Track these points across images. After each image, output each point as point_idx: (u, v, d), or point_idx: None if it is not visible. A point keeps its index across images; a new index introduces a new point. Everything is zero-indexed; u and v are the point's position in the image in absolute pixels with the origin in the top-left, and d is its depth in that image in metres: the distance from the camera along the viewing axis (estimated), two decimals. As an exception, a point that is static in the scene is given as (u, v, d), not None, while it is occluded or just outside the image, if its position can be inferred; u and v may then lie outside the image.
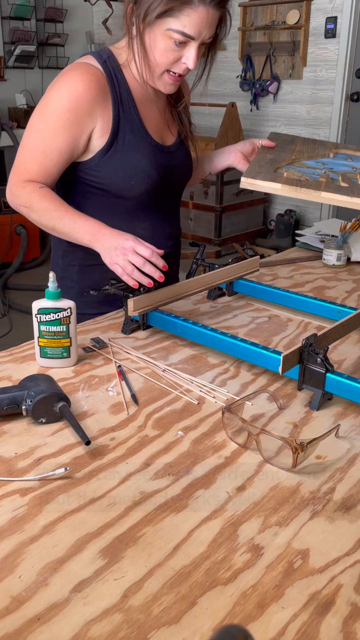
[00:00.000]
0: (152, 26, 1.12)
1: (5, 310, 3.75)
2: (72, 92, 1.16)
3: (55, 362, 1.02)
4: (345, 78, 4.33)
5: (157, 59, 1.16)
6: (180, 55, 1.15)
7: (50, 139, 1.18)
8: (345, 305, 1.22)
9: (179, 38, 1.11)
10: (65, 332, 1.00)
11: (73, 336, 1.01)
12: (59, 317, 0.99)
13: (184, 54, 1.14)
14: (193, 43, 1.13)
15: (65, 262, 1.37)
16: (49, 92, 1.18)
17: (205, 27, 1.11)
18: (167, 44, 1.13)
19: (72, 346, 1.01)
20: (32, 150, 1.19)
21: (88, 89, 1.16)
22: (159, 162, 1.28)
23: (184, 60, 1.15)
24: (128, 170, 1.24)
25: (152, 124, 1.29)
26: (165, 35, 1.12)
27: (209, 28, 1.12)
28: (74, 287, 1.35)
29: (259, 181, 1.18)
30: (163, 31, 1.11)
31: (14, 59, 5.09)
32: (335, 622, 0.56)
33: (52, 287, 0.98)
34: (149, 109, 1.28)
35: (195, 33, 1.11)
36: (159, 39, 1.13)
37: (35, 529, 0.66)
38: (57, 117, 1.17)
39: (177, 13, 1.08)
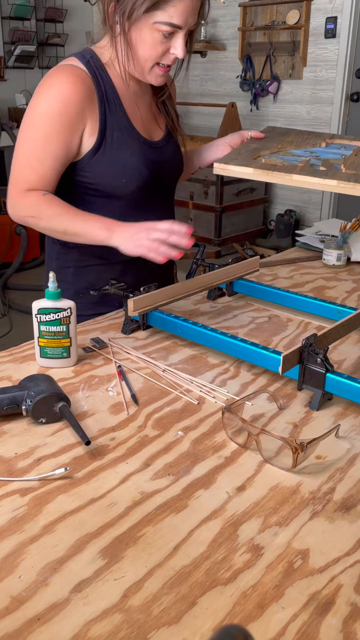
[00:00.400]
0: (138, 22, 1.13)
1: (5, 310, 3.75)
2: (60, 95, 1.16)
3: (55, 362, 1.02)
4: (345, 78, 4.33)
5: (147, 53, 1.17)
6: (168, 47, 1.16)
7: (43, 146, 1.17)
8: (345, 305, 1.22)
9: (167, 29, 1.12)
10: (65, 332, 1.00)
11: (73, 336, 1.01)
12: (59, 317, 0.99)
13: (171, 45, 1.16)
14: (180, 33, 1.14)
15: (59, 264, 1.37)
16: (36, 98, 1.18)
17: (191, 15, 1.13)
18: (155, 37, 1.14)
19: (72, 346, 1.01)
20: (27, 159, 1.19)
21: (75, 90, 1.16)
22: (149, 158, 1.29)
23: (172, 50, 1.17)
24: (118, 168, 1.24)
25: (139, 120, 1.29)
26: (153, 29, 1.13)
27: (194, 15, 1.14)
28: (70, 289, 1.35)
29: (232, 166, 1.18)
30: (150, 25, 1.12)
31: (14, 59, 5.09)
32: (335, 622, 0.56)
33: (52, 287, 0.98)
34: (134, 105, 1.28)
35: (182, 22, 1.12)
36: (147, 34, 1.14)
37: (35, 529, 0.66)
38: (48, 123, 1.16)
39: (163, 5, 1.10)
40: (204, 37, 4.89)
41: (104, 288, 1.18)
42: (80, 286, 1.35)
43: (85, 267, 1.34)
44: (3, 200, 4.47)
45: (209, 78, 5.15)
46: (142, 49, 1.16)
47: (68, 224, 1.16)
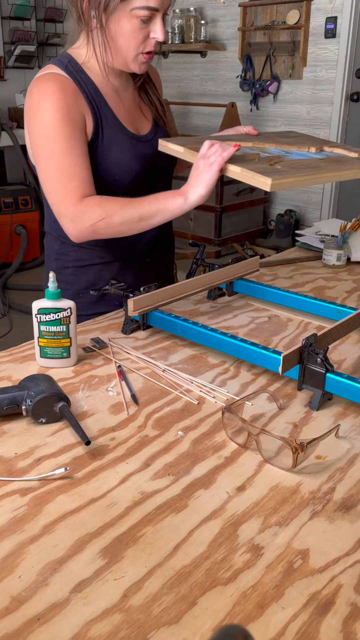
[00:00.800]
0: (115, 13, 1.13)
1: (5, 310, 3.75)
2: (56, 102, 1.16)
3: (55, 362, 1.02)
4: (345, 78, 4.32)
5: (128, 42, 1.17)
6: (147, 32, 1.17)
7: (69, 152, 1.16)
8: (345, 305, 1.22)
9: (144, 14, 1.13)
10: (65, 332, 1.00)
11: (73, 336, 1.01)
12: (59, 317, 0.99)
13: (150, 29, 1.16)
14: (157, 15, 1.15)
15: (58, 264, 1.37)
16: (35, 115, 1.17)
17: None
18: (133, 24, 1.14)
19: (72, 346, 1.01)
20: (60, 171, 1.16)
21: (65, 94, 1.17)
22: (139, 153, 1.29)
23: (152, 35, 1.17)
24: (111, 166, 1.25)
25: (125, 115, 1.30)
26: (131, 16, 1.13)
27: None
28: (69, 289, 1.36)
29: (170, 144, 1.21)
30: (128, 13, 1.13)
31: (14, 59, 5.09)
32: (335, 622, 0.56)
33: (52, 287, 0.98)
34: (118, 101, 1.29)
35: (159, 4, 1.13)
36: (125, 23, 1.14)
37: (35, 529, 0.66)
38: (61, 130, 1.16)
39: None
40: (204, 37, 4.89)
41: (104, 288, 1.18)
42: (80, 286, 1.36)
43: (83, 267, 1.35)
44: (3, 200, 4.47)
45: (209, 78, 5.15)
46: (122, 39, 1.17)
47: (140, 209, 1.14)
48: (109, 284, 1.18)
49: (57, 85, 1.17)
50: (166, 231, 1.44)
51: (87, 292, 1.36)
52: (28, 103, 1.20)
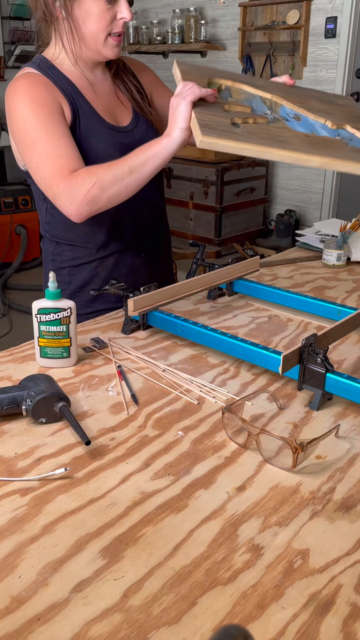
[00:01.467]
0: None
1: (5, 310, 3.75)
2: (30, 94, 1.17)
3: (55, 362, 1.02)
4: (345, 78, 4.32)
5: (95, 26, 1.17)
6: (114, 13, 1.17)
7: (50, 135, 1.16)
8: (345, 305, 1.22)
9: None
10: (65, 332, 1.00)
11: (73, 336, 1.01)
12: (59, 317, 0.99)
13: (117, 10, 1.17)
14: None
15: (55, 265, 1.37)
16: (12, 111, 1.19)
17: None
18: (100, 6, 1.15)
19: (72, 346, 1.01)
20: (46, 155, 1.16)
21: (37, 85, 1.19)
22: (118, 142, 1.28)
23: (119, 15, 1.18)
24: (90, 154, 1.24)
25: (102, 107, 1.29)
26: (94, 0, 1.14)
27: None
28: (66, 289, 1.36)
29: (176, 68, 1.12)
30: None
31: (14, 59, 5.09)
32: (335, 622, 0.56)
33: (52, 287, 0.98)
34: (94, 94, 1.29)
35: None
36: (91, 5, 1.15)
37: (35, 529, 0.66)
38: (38, 117, 1.16)
39: None
40: (204, 37, 4.89)
41: (104, 288, 1.18)
42: (76, 285, 1.36)
43: (79, 265, 1.35)
44: (3, 200, 4.47)
45: None
46: (89, 24, 1.17)
47: (129, 162, 1.10)
48: (109, 284, 1.17)
49: (28, 80, 1.19)
50: (160, 220, 1.43)
51: (84, 290, 1.36)
52: (5, 105, 1.21)
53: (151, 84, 1.43)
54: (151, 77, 1.44)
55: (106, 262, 1.36)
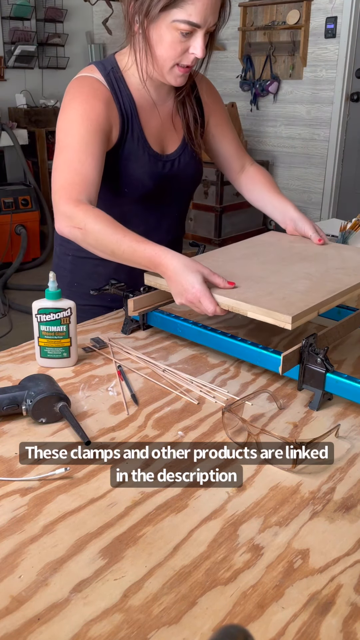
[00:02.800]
0: (156, 21, 1.12)
1: (5, 310, 3.75)
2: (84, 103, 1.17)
3: (55, 362, 1.02)
4: (345, 78, 4.33)
5: (165, 53, 1.15)
6: (187, 46, 1.14)
7: (82, 148, 1.15)
8: (345, 305, 1.22)
9: (185, 28, 1.10)
10: (65, 332, 1.00)
11: (73, 336, 1.01)
12: (59, 317, 0.99)
13: (190, 44, 1.13)
14: (199, 32, 1.12)
15: (61, 250, 1.39)
16: (64, 110, 1.19)
17: (210, 14, 1.10)
18: (173, 36, 1.12)
19: (72, 346, 1.01)
20: (68, 164, 1.15)
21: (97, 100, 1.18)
22: (155, 172, 1.28)
23: (192, 50, 1.14)
24: (124, 179, 1.25)
25: (153, 131, 1.29)
26: (171, 27, 1.11)
27: (213, 14, 1.11)
28: (66, 277, 1.37)
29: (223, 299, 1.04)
30: (168, 24, 1.11)
31: (14, 59, 5.09)
32: (335, 622, 0.56)
33: (52, 287, 0.98)
34: (150, 115, 1.28)
35: (201, 21, 1.10)
36: (165, 33, 1.12)
37: (35, 529, 0.66)
38: (81, 127, 1.15)
39: (181, 3, 1.08)
40: (204, 37, 4.88)
41: (104, 288, 1.18)
42: (77, 275, 1.37)
43: (83, 258, 1.35)
44: (3, 200, 4.47)
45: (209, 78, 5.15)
46: (160, 48, 1.15)
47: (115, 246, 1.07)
48: (109, 284, 1.18)
49: (90, 91, 1.18)
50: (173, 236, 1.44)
51: (83, 282, 1.36)
52: (62, 104, 1.21)
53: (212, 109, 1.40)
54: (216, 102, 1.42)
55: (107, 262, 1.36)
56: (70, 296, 1.06)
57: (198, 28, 1.11)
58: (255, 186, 1.44)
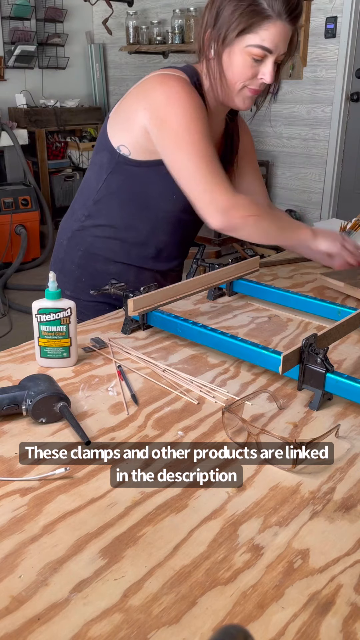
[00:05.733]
0: (231, 45, 1.16)
1: (5, 310, 3.75)
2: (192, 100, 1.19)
3: (55, 362, 1.02)
4: (345, 78, 4.33)
5: (235, 76, 1.19)
6: (256, 72, 1.19)
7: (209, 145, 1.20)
8: (345, 305, 1.22)
9: (258, 53, 1.15)
10: (65, 332, 1.00)
11: (73, 336, 1.01)
12: (59, 317, 0.99)
13: (260, 70, 1.18)
14: (270, 58, 1.17)
15: (71, 244, 1.39)
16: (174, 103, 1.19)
17: (281, 42, 1.15)
18: (245, 60, 1.17)
19: (72, 346, 1.01)
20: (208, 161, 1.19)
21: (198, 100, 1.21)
22: None
23: (261, 75, 1.19)
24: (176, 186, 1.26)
25: None
26: (244, 52, 1.16)
27: (284, 43, 1.16)
28: (74, 271, 1.37)
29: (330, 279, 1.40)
30: (242, 48, 1.15)
31: (14, 59, 5.09)
32: (335, 622, 0.56)
33: (52, 287, 0.98)
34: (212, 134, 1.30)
35: (273, 47, 1.15)
36: (237, 57, 1.17)
37: (35, 529, 0.66)
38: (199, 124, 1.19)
39: (256, 28, 1.13)
40: (204, 37, 4.88)
41: (104, 288, 1.18)
42: (85, 271, 1.38)
43: (95, 254, 1.36)
44: (3, 201, 4.47)
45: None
46: (231, 72, 1.19)
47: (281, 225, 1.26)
48: (109, 284, 1.18)
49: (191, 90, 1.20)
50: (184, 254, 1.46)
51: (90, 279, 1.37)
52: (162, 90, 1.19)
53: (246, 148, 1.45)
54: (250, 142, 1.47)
55: (119, 262, 1.37)
56: (76, 291, 1.07)
57: (269, 54, 1.16)
58: None
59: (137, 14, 5.31)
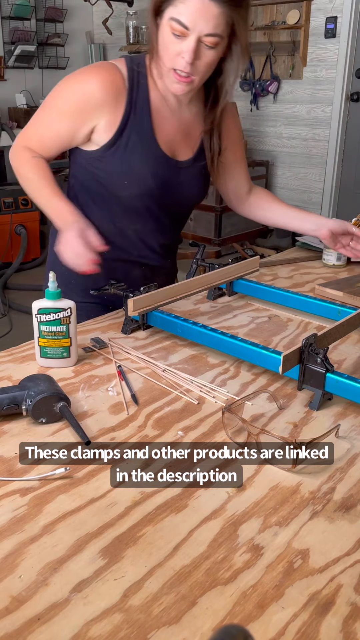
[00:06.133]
0: (161, 17, 1.13)
1: (5, 310, 3.75)
2: (87, 86, 1.20)
3: (55, 362, 1.02)
4: (345, 78, 4.32)
5: (162, 52, 1.16)
6: (180, 49, 1.13)
7: (54, 120, 1.25)
8: (345, 305, 1.22)
9: (176, 28, 1.10)
10: (65, 332, 1.00)
11: (73, 336, 1.01)
12: (59, 317, 0.99)
13: (182, 48, 1.12)
14: (190, 36, 1.10)
15: None
16: (72, 77, 1.23)
17: (202, 19, 1.09)
18: (168, 34, 1.13)
19: (72, 346, 1.01)
20: (39, 123, 1.27)
21: (101, 88, 1.19)
22: (160, 174, 1.27)
23: (182, 54, 1.13)
24: (124, 169, 1.25)
25: (166, 135, 1.28)
26: (168, 26, 1.12)
27: (206, 22, 1.09)
28: (64, 273, 1.36)
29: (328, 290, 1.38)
30: (167, 21, 1.12)
31: (14, 59, 5.09)
32: (335, 622, 0.56)
33: (52, 287, 0.98)
34: (166, 120, 1.27)
35: (190, 23, 1.09)
36: (164, 30, 1.14)
37: (35, 529, 0.66)
38: (68, 103, 1.22)
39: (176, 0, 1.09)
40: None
41: (104, 288, 1.18)
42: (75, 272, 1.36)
43: None
44: (3, 201, 4.47)
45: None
46: (160, 48, 1.16)
47: (35, 193, 1.25)
48: (109, 284, 1.18)
49: (100, 76, 1.20)
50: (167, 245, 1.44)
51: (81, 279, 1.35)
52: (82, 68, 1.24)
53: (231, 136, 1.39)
54: (236, 129, 1.42)
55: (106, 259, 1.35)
56: (68, 293, 1.06)
57: (187, 30, 1.10)
58: (272, 204, 1.46)
59: (137, 14, 5.31)
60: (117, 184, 1.26)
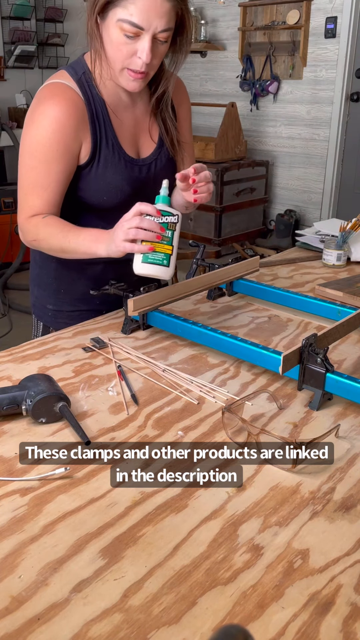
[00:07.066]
0: (105, 19, 1.09)
1: (5, 310, 3.75)
2: (54, 123, 1.15)
3: (154, 269, 1.03)
4: (345, 78, 4.32)
5: (113, 54, 1.12)
6: (134, 50, 1.10)
7: (45, 173, 1.17)
8: (345, 305, 1.22)
9: (128, 29, 1.07)
10: (170, 237, 1.02)
11: (175, 246, 1.03)
12: (167, 221, 1.01)
13: (137, 47, 1.10)
14: (145, 35, 1.08)
15: (43, 257, 1.35)
16: (32, 125, 1.17)
17: (155, 17, 1.06)
18: (119, 36, 1.09)
19: (172, 256, 1.03)
20: (32, 187, 1.19)
21: (69, 116, 1.16)
22: (132, 177, 1.27)
23: (139, 54, 1.10)
24: (101, 186, 1.24)
25: (127, 134, 1.27)
26: (117, 27, 1.08)
27: (159, 19, 1.06)
28: (52, 284, 1.35)
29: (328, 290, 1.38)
30: (114, 23, 1.08)
31: (14, 59, 5.09)
32: (335, 622, 0.56)
33: (164, 193, 1.04)
34: (123, 117, 1.26)
35: (144, 22, 1.06)
36: (112, 32, 1.09)
37: (35, 529, 0.66)
38: (47, 150, 1.16)
39: (123, 2, 1.05)
40: (204, 37, 4.89)
41: (104, 288, 1.18)
42: (63, 282, 1.35)
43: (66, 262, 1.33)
44: (3, 201, 4.47)
45: (209, 78, 5.15)
46: (109, 49, 1.12)
47: (63, 242, 1.15)
48: (109, 284, 1.18)
49: (62, 105, 1.15)
50: None
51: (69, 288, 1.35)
52: (31, 109, 1.19)
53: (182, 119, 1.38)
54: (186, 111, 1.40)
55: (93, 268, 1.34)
56: (57, 304, 1.06)
57: (141, 30, 1.07)
58: None
59: (137, 14, 5.30)
60: (96, 201, 1.26)
